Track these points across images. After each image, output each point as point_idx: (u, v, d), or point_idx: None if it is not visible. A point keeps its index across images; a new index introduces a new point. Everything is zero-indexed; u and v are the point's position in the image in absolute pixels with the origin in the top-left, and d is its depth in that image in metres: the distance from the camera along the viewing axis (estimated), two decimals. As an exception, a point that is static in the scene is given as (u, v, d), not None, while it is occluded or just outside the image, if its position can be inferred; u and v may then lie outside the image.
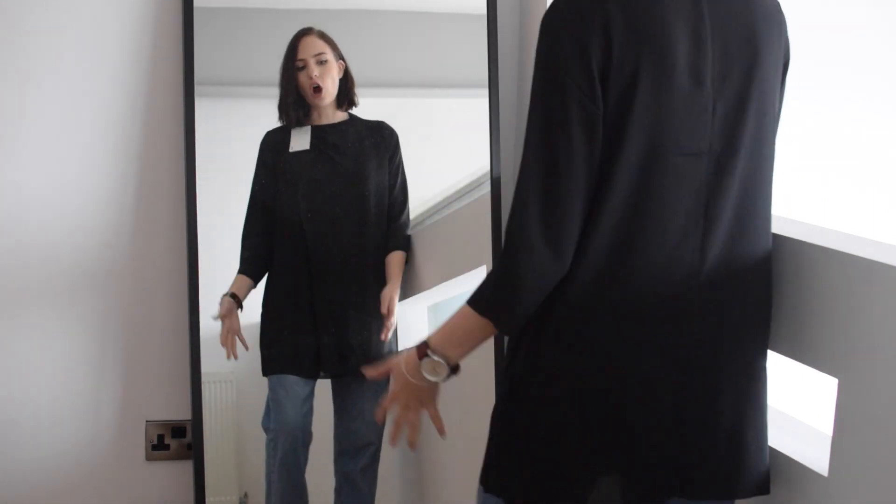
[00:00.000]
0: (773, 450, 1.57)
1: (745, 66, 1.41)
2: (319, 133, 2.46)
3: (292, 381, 2.42)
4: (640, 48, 1.34)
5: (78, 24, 2.42)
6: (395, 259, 2.50)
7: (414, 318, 2.83)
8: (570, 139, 1.34)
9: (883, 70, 2.90)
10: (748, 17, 1.42)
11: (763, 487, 1.50)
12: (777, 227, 1.60)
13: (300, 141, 2.45)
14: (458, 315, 1.49)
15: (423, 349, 1.50)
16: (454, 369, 1.53)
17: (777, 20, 1.47)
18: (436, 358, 1.50)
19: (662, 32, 1.35)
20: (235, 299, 2.42)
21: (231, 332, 2.41)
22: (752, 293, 1.48)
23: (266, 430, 2.45)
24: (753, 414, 1.47)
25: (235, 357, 2.40)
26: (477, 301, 1.45)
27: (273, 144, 2.46)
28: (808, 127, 2.78)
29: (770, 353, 1.59)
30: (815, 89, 2.77)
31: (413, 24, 2.62)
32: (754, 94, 1.42)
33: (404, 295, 2.69)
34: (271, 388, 2.43)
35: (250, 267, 2.45)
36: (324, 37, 2.47)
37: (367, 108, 2.53)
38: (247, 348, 2.42)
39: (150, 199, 2.46)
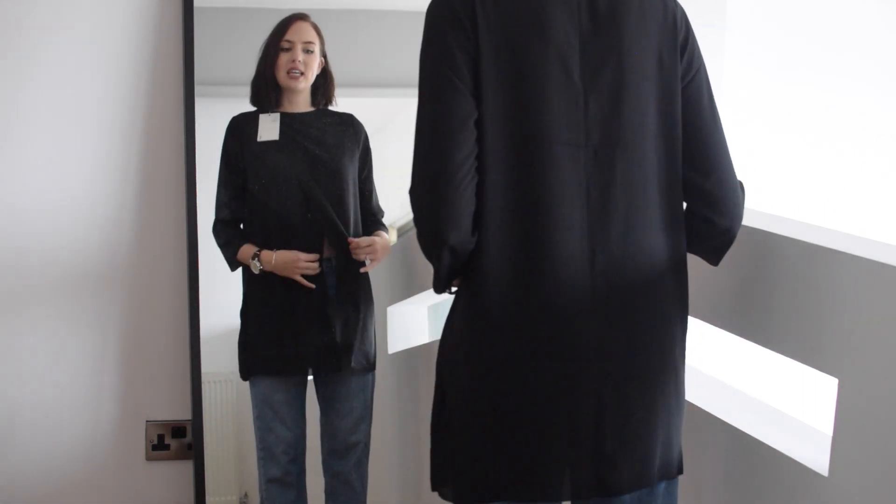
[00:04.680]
0: (773, 450, 1.57)
1: (615, 64, 1.43)
2: (288, 121, 2.38)
3: (279, 400, 2.30)
4: (508, 38, 1.39)
5: (78, 24, 2.42)
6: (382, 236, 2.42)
7: (414, 318, 2.83)
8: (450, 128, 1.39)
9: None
10: (620, 9, 1.44)
11: (679, 469, 1.50)
12: (777, 227, 1.60)
13: (269, 130, 2.37)
14: None
15: None
16: None
17: (657, 9, 1.46)
18: None
19: (533, 24, 1.40)
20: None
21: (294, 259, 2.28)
22: (659, 286, 1.45)
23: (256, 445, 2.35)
24: (664, 402, 1.45)
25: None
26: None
27: (239, 132, 2.36)
28: (809, 128, 2.79)
29: (770, 353, 1.59)
30: (820, 93, 2.77)
31: (414, 24, 2.62)
32: (629, 91, 1.43)
33: (404, 295, 2.69)
34: (257, 407, 2.31)
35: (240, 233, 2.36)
36: (316, 28, 2.41)
37: (367, 108, 2.53)
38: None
39: (150, 199, 2.46)
